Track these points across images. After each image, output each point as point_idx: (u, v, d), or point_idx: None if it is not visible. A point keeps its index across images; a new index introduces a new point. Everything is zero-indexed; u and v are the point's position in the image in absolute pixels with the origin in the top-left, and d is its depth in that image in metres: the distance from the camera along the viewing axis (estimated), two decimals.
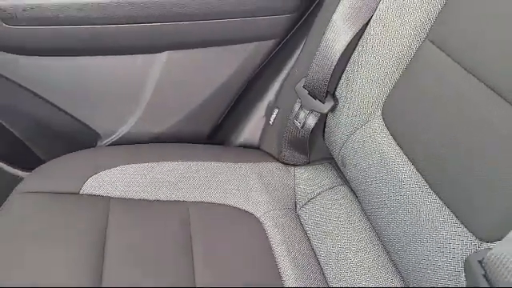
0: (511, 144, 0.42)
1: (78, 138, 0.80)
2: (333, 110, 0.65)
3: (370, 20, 0.60)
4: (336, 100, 0.65)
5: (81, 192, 0.63)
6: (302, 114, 0.68)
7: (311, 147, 0.71)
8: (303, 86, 0.66)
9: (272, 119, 0.77)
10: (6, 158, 0.80)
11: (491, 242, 0.39)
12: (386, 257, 0.58)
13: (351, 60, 0.63)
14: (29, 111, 0.78)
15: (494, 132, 0.44)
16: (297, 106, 0.69)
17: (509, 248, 0.33)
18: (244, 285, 0.57)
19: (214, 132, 0.83)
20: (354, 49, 0.63)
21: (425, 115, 0.53)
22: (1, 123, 0.78)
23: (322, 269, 0.63)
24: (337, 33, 0.61)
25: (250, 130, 0.81)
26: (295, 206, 0.70)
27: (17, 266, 0.53)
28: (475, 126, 0.46)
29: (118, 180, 0.65)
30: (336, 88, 0.65)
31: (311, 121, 0.67)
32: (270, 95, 0.78)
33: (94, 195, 0.63)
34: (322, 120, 0.68)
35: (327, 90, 0.64)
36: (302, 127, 0.68)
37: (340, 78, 0.64)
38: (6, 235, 0.56)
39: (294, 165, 0.74)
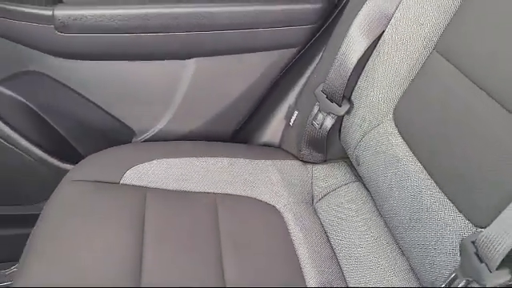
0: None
1: (114, 135, 0.88)
2: (348, 112, 0.71)
3: (383, 32, 0.67)
4: (351, 103, 0.71)
5: (121, 182, 0.71)
6: (320, 116, 0.74)
7: (328, 147, 0.78)
8: (322, 91, 0.73)
9: (292, 121, 0.83)
10: (50, 151, 0.88)
11: (484, 227, 0.45)
12: (394, 244, 0.64)
13: (366, 67, 0.69)
14: (71, 110, 0.86)
15: (499, 143, 0.48)
16: (315, 109, 0.75)
17: (497, 230, 0.39)
18: (265, 268, 0.63)
19: (238, 131, 0.90)
20: (369, 57, 0.69)
21: (432, 121, 0.59)
22: (46, 121, 0.87)
23: (336, 256, 0.69)
24: (353, 43, 0.67)
25: (272, 130, 0.88)
26: (312, 200, 0.77)
27: (68, 243, 0.60)
28: (481, 139, 0.50)
29: (154, 172, 0.73)
30: (352, 92, 0.72)
31: (328, 122, 0.73)
32: (291, 99, 0.85)
33: (133, 185, 0.71)
34: (338, 121, 0.74)
35: (343, 95, 0.70)
36: (320, 128, 0.74)
37: (356, 83, 0.71)
38: (58, 216, 0.64)
39: (312, 163, 0.81)
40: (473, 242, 0.42)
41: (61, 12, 0.71)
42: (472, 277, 0.41)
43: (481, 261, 0.40)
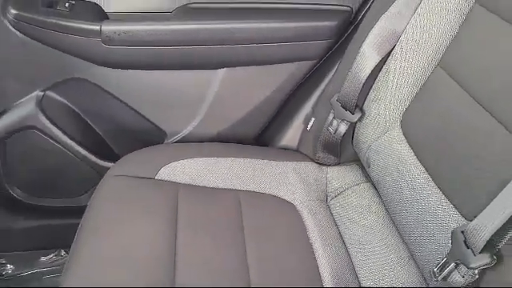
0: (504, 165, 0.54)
1: (148, 136, 0.97)
2: (360, 119, 0.79)
3: (393, 48, 0.74)
4: (363, 112, 0.79)
5: (156, 177, 0.80)
6: (334, 123, 0.82)
7: (341, 150, 0.86)
8: (337, 100, 0.81)
9: (309, 126, 0.91)
10: (91, 150, 0.98)
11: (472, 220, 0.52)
12: (400, 238, 0.72)
13: (377, 79, 0.77)
14: (110, 113, 0.96)
15: (495, 157, 0.55)
16: (331, 116, 0.83)
17: (481, 221, 0.47)
18: (283, 255, 0.71)
19: (260, 135, 0.99)
20: (380, 70, 0.77)
21: (434, 130, 0.66)
22: (88, 123, 0.97)
23: (347, 250, 0.76)
24: (365, 59, 0.75)
25: (291, 134, 0.96)
26: (326, 198, 0.85)
27: (113, 229, 0.70)
28: (476, 148, 0.57)
29: (185, 170, 0.81)
30: (364, 102, 0.80)
31: (342, 128, 0.81)
32: (308, 106, 0.93)
33: (167, 181, 0.80)
34: (351, 128, 0.82)
35: (356, 104, 0.78)
36: (335, 133, 0.82)
37: (367, 93, 0.79)
38: (104, 206, 0.73)
39: (327, 165, 0.89)
40: (462, 232, 0.49)
41: (107, 27, 0.81)
42: (460, 260, 0.48)
43: (467, 247, 0.48)
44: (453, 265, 0.50)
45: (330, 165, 0.89)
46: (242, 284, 0.67)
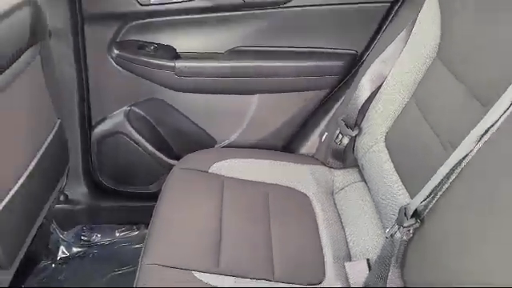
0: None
1: (202, 141, 1.29)
2: (358, 134, 1.07)
3: (382, 84, 1.03)
4: (360, 129, 1.07)
5: (209, 171, 1.11)
6: (340, 136, 1.11)
7: (345, 157, 1.14)
8: (342, 119, 1.10)
9: (323, 139, 1.21)
10: (159, 150, 1.31)
11: None
12: (378, 216, 0.99)
13: (370, 106, 1.05)
14: (175, 124, 1.29)
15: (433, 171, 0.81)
16: (338, 131, 1.12)
17: (414, 200, 0.75)
18: (297, 230, 1.00)
19: (287, 144, 1.29)
20: (374, 98, 1.05)
21: (405, 146, 0.94)
22: (158, 130, 1.31)
23: (343, 229, 1.05)
24: (362, 91, 1.04)
25: (309, 144, 1.26)
26: (332, 192, 1.14)
27: (181, 208, 1.01)
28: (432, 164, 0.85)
29: (229, 167, 1.12)
30: (362, 121, 1.08)
31: (345, 140, 1.10)
32: (323, 124, 1.23)
33: (216, 174, 1.11)
34: (352, 140, 1.11)
35: (355, 123, 1.07)
36: (340, 144, 1.11)
37: (364, 116, 1.07)
38: (175, 190, 1.05)
39: (335, 168, 1.17)
40: (405, 208, 0.77)
41: (179, 64, 1.16)
42: (400, 224, 0.76)
43: (405, 215, 0.76)
44: (396, 226, 0.77)
45: (336, 168, 1.17)
46: (265, 251, 0.93)
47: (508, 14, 0.76)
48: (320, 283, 0.89)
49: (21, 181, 0.87)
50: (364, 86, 1.04)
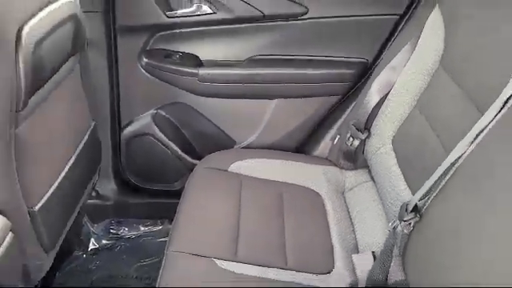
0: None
1: (222, 142, 1.39)
2: (368, 137, 1.15)
3: (389, 91, 1.11)
4: (369, 132, 1.15)
5: (228, 170, 1.20)
6: (351, 139, 1.19)
7: (356, 159, 1.22)
8: (352, 124, 1.18)
9: (335, 141, 1.29)
10: (182, 150, 1.41)
11: None
12: (384, 212, 1.07)
13: (379, 111, 1.13)
14: (198, 126, 1.39)
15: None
16: (349, 134, 1.20)
17: (413, 197, 0.83)
18: (309, 226, 1.09)
19: (301, 145, 1.38)
20: (382, 104, 1.13)
21: (411, 149, 1.01)
22: (182, 132, 1.41)
23: (352, 225, 1.13)
24: (371, 97, 1.12)
25: (322, 147, 1.35)
26: (343, 191, 1.22)
27: (203, 203, 1.11)
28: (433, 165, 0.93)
29: (248, 166, 1.21)
30: (371, 125, 1.16)
31: (356, 143, 1.17)
32: (335, 127, 1.32)
33: (235, 173, 1.20)
34: (362, 143, 1.18)
35: (365, 127, 1.15)
36: (351, 146, 1.19)
37: (373, 120, 1.15)
38: (198, 187, 1.14)
39: (346, 169, 1.25)
40: (406, 204, 0.85)
41: (202, 71, 1.26)
42: (401, 218, 0.84)
43: (406, 210, 0.83)
44: (398, 221, 0.85)
45: (348, 169, 1.25)
46: (279, 242, 1.02)
47: (508, 26, 0.83)
48: (329, 272, 0.97)
49: (62, 174, 0.98)
50: (373, 92, 1.13)
